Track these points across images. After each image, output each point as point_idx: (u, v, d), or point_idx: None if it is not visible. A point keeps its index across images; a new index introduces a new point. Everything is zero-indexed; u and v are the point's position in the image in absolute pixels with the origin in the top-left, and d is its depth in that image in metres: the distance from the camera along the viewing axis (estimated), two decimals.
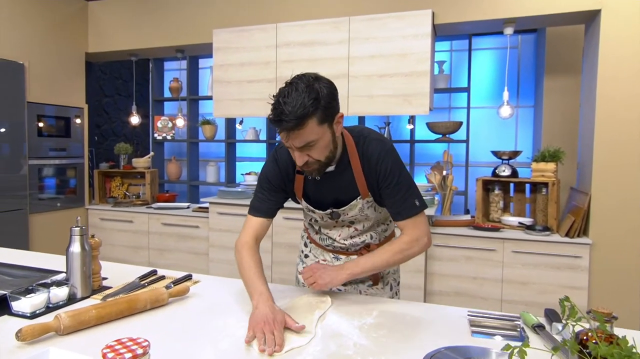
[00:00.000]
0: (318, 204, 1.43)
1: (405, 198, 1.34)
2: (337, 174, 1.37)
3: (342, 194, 1.39)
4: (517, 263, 3.13)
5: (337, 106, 1.24)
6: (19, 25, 3.69)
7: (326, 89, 1.18)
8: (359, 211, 1.41)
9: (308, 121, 1.14)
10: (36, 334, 1.06)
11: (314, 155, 1.23)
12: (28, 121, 3.73)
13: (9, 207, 3.59)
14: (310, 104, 1.13)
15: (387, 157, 1.32)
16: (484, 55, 4.57)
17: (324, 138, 1.21)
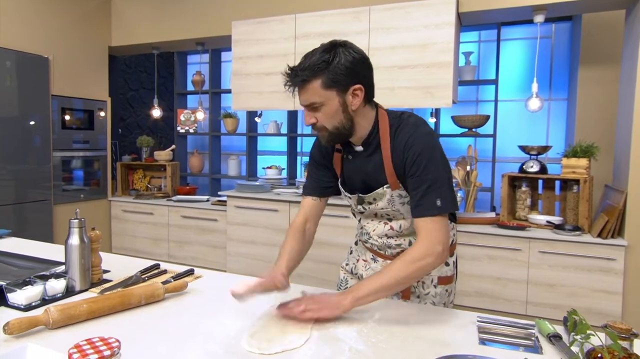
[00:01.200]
0: (349, 187, 1.37)
1: (426, 193, 1.16)
2: (364, 156, 1.29)
3: (369, 179, 1.30)
4: (544, 264, 2.97)
5: (355, 78, 1.16)
6: (44, 19, 3.76)
7: (345, 57, 1.13)
8: (387, 202, 1.29)
9: (311, 80, 1.14)
10: (24, 327, 1.04)
11: (320, 119, 1.19)
12: (53, 113, 3.80)
13: (34, 197, 3.68)
14: (317, 65, 1.12)
15: (418, 142, 1.19)
16: (514, 45, 4.37)
17: (329, 104, 1.17)
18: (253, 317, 1.18)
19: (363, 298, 1.11)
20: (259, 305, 1.26)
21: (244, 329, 1.09)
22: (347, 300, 1.10)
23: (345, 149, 1.34)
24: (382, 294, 1.13)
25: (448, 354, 0.91)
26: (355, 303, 1.11)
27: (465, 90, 4.48)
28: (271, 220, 3.64)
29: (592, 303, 2.86)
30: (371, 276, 1.15)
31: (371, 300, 1.13)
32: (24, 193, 3.63)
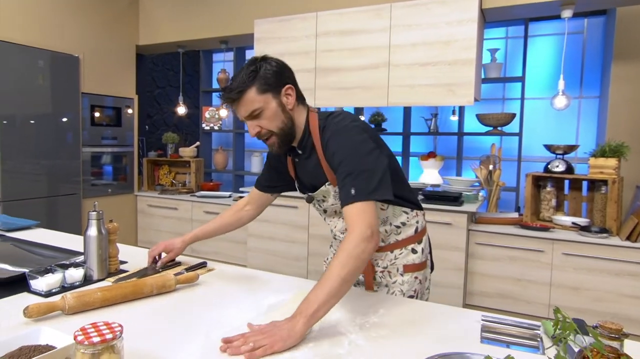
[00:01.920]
0: (301, 187, 1.48)
1: (343, 185, 1.17)
2: (304, 158, 1.38)
3: (313, 178, 1.39)
4: (568, 266, 2.90)
5: (284, 80, 1.27)
6: (75, 20, 3.90)
7: (269, 65, 1.25)
8: (334, 198, 1.36)
9: (247, 90, 1.22)
10: (42, 312, 1.10)
11: (264, 125, 1.26)
12: (83, 111, 3.95)
13: (65, 191, 3.84)
14: (248, 76, 1.22)
15: (337, 135, 1.24)
16: (543, 41, 4.25)
17: (269, 107, 1.24)
18: (259, 309, 1.20)
19: (315, 314, 1.01)
20: (266, 297, 1.29)
21: (249, 320, 1.12)
22: (299, 324, 0.99)
23: (292, 153, 1.41)
24: (334, 301, 1.04)
25: (444, 352, 0.91)
26: (309, 323, 1.01)
27: (491, 87, 4.39)
28: (290, 217, 3.68)
29: (619, 308, 2.77)
30: (315, 286, 1.06)
31: (325, 311, 1.03)
32: (56, 187, 3.79)
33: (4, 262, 1.50)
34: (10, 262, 1.50)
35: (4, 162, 3.40)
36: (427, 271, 1.50)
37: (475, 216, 3.28)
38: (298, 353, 0.96)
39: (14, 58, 3.44)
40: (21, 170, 3.52)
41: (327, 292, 1.03)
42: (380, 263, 1.44)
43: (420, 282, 1.45)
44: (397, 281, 1.42)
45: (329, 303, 1.03)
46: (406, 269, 1.42)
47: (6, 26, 3.43)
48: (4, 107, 3.38)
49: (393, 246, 1.43)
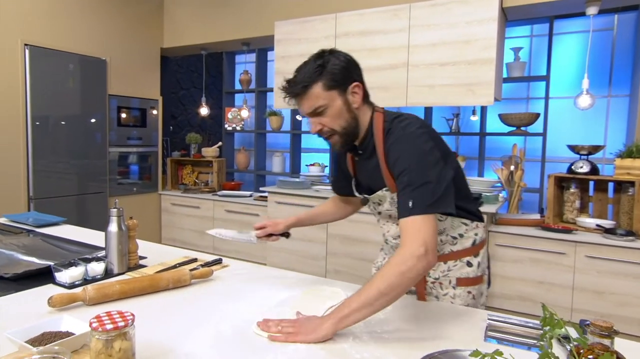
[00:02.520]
0: (358, 187, 1.44)
1: (404, 193, 1.11)
2: (364, 159, 1.33)
3: (371, 181, 1.34)
4: (591, 269, 2.83)
5: (352, 76, 1.21)
6: (102, 24, 4.05)
7: (337, 60, 1.19)
8: (390, 204, 1.30)
9: (312, 86, 1.17)
10: (64, 302, 1.16)
11: (327, 123, 1.21)
12: (109, 112, 4.09)
13: (92, 190, 3.99)
14: (314, 71, 1.17)
15: (402, 142, 1.17)
16: (570, 39, 4.15)
17: (333, 105, 1.19)
18: (269, 304, 1.24)
19: (345, 319, 1.01)
20: (276, 293, 1.33)
21: (258, 314, 1.15)
22: (327, 323, 1.01)
23: (353, 150, 1.36)
24: (367, 311, 1.02)
25: (446, 349, 0.92)
26: (337, 326, 1.01)
27: (515, 87, 4.32)
28: None
29: None
30: (355, 293, 1.05)
31: (356, 319, 1.02)
32: (85, 186, 3.94)
33: (32, 255, 1.59)
34: (37, 256, 1.58)
35: (35, 162, 3.56)
36: (482, 286, 1.40)
37: (495, 217, 3.23)
38: (302, 345, 0.99)
39: (46, 62, 3.59)
40: (52, 169, 3.68)
41: (362, 301, 1.01)
42: (432, 273, 1.36)
43: (474, 297, 1.36)
44: (449, 293, 1.35)
45: (360, 312, 1.01)
46: (459, 282, 1.34)
47: (39, 32, 3.59)
48: (37, 109, 3.54)
49: (447, 256, 1.35)
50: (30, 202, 3.55)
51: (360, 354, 0.96)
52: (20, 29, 3.46)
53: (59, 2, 3.72)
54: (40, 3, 3.59)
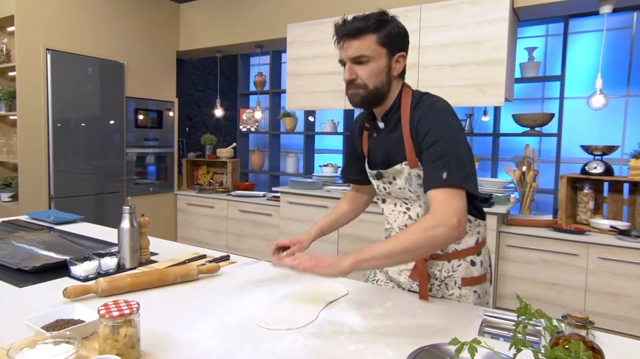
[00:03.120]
0: (372, 164, 1.40)
1: (436, 165, 1.13)
2: (386, 132, 1.32)
3: (390, 154, 1.31)
4: (605, 271, 2.80)
5: (403, 44, 1.24)
6: (120, 28, 4.17)
7: (396, 23, 1.21)
8: (405, 181, 1.28)
9: (367, 34, 1.17)
10: (78, 293, 1.23)
11: (363, 75, 1.20)
12: (127, 113, 4.21)
13: (111, 189, 4.11)
14: (374, 21, 1.17)
15: (430, 117, 1.18)
16: (587, 38, 4.10)
17: (377, 61, 1.19)
18: (271, 298, 1.28)
19: (365, 261, 1.05)
20: (279, 288, 1.37)
21: (261, 307, 1.20)
22: (347, 261, 1.04)
23: (372, 127, 1.38)
24: (385, 261, 1.07)
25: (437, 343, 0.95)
26: (355, 265, 1.04)
27: (530, 87, 4.29)
28: (320, 216, 3.75)
29: None
30: (378, 242, 1.08)
31: (373, 265, 1.08)
32: (103, 185, 4.06)
33: (50, 250, 1.67)
34: (55, 251, 1.66)
35: (56, 163, 3.69)
36: (486, 284, 1.39)
37: (506, 217, 3.22)
38: (301, 336, 1.03)
39: (67, 66, 3.72)
40: (72, 169, 3.81)
41: (385, 252, 1.05)
42: (438, 274, 1.34)
43: (479, 296, 1.36)
44: (455, 294, 1.34)
45: (380, 260, 1.06)
46: (464, 282, 1.33)
47: (60, 38, 3.72)
48: (58, 112, 3.67)
49: (451, 255, 1.33)
50: (51, 201, 3.67)
51: (355, 345, 0.99)
52: (42, 34, 3.59)
53: (79, 8, 3.84)
54: (61, 10, 3.72)
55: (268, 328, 1.07)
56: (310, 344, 0.99)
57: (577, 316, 0.64)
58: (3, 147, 3.81)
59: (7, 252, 1.63)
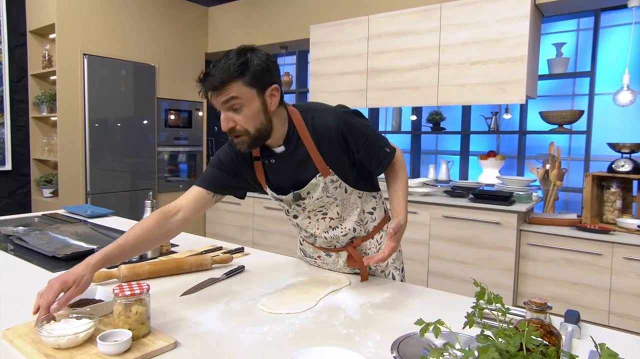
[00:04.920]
0: (281, 190, 1.37)
1: (378, 153, 1.35)
2: (289, 154, 1.30)
3: (300, 174, 1.32)
4: (630, 272, 2.74)
5: (271, 78, 1.19)
6: (151, 33, 4.38)
7: (257, 59, 1.16)
8: (322, 190, 1.32)
9: (232, 82, 1.13)
10: (102, 278, 1.36)
11: (240, 122, 1.17)
12: (159, 114, 4.41)
13: (142, 186, 4.32)
14: (236, 68, 1.13)
15: (345, 124, 1.27)
16: (620, 32, 3.98)
17: (251, 104, 1.17)
18: (277, 286, 1.36)
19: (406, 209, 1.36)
20: (286, 278, 1.45)
21: (265, 295, 1.28)
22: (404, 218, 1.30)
23: (264, 155, 1.33)
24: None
25: None
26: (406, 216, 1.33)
27: (560, 83, 4.21)
28: None
29: None
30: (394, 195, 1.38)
31: None
32: (136, 183, 4.28)
33: (81, 240, 1.82)
34: (85, 241, 1.81)
35: (93, 161, 3.92)
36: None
37: (528, 216, 3.19)
38: (298, 320, 1.11)
39: (102, 70, 3.95)
40: (107, 167, 4.03)
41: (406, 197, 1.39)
42: (370, 253, 1.48)
43: (400, 251, 1.57)
44: (389, 261, 1.50)
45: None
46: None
47: (95, 43, 3.95)
48: (94, 113, 3.90)
49: (373, 232, 1.48)
50: (87, 197, 3.91)
51: (347, 330, 1.06)
52: (79, 40, 3.83)
53: (113, 15, 4.07)
54: (96, 17, 3.95)
55: (269, 312, 1.16)
56: (305, 328, 1.07)
57: (537, 301, 0.69)
58: (45, 147, 4.07)
59: (44, 241, 1.79)
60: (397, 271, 1.53)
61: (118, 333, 0.94)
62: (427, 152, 5.19)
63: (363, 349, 0.96)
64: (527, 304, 0.71)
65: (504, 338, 0.57)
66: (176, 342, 0.98)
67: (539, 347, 0.56)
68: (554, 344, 0.64)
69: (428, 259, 3.36)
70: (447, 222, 3.22)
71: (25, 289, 1.31)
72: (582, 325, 1.06)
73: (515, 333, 0.57)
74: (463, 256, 3.18)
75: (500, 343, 0.55)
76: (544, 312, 0.68)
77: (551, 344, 0.64)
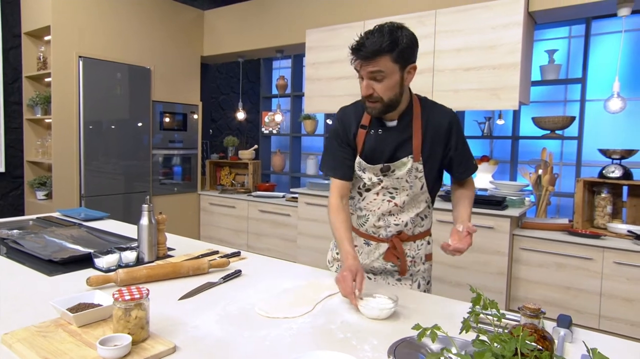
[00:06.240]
0: (372, 160, 1.50)
1: (469, 159, 1.54)
2: (397, 130, 1.47)
3: (398, 149, 1.47)
4: (620, 276, 2.78)
5: (413, 57, 1.36)
6: (147, 35, 4.37)
7: (406, 38, 1.32)
8: (407, 172, 1.46)
9: (382, 55, 1.29)
10: (100, 282, 1.36)
11: (379, 90, 1.34)
12: (153, 116, 4.41)
13: (137, 189, 4.31)
14: (387, 45, 1.28)
15: (457, 124, 1.48)
16: (611, 39, 4.04)
17: (392, 76, 1.33)
18: (273, 291, 1.38)
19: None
20: (283, 282, 1.46)
21: (262, 299, 1.30)
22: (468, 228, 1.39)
23: (374, 125, 1.49)
24: None
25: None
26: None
27: (552, 89, 4.27)
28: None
29: None
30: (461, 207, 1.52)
31: None
32: (130, 185, 4.26)
33: (77, 244, 1.82)
34: (81, 245, 1.81)
35: (87, 163, 3.90)
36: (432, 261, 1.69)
37: (521, 220, 3.23)
38: (295, 324, 1.12)
39: (97, 72, 3.94)
40: (102, 170, 4.02)
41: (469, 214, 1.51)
42: (408, 253, 1.59)
43: (431, 267, 1.68)
44: (421, 269, 1.61)
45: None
46: (427, 258, 1.64)
47: (91, 45, 3.94)
48: (89, 115, 3.89)
49: (417, 236, 1.59)
50: (81, 199, 3.89)
51: (344, 333, 1.08)
52: (75, 42, 3.82)
53: (108, 17, 4.06)
54: (92, 19, 3.94)
55: (267, 316, 1.17)
56: (302, 332, 1.09)
57: (531, 307, 0.71)
58: (39, 149, 4.05)
59: (40, 245, 1.78)
60: (424, 282, 1.63)
61: (118, 337, 0.95)
62: None
63: (360, 354, 0.98)
64: (521, 310, 0.73)
65: (499, 342, 0.58)
66: (175, 346, 0.99)
67: (533, 352, 0.58)
68: (547, 348, 0.66)
69: None
70: (441, 227, 3.25)
71: (22, 293, 1.31)
72: (574, 329, 1.09)
73: (510, 338, 0.59)
74: (457, 260, 3.21)
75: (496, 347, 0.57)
76: (537, 317, 0.70)
77: (544, 348, 0.66)
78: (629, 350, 1.01)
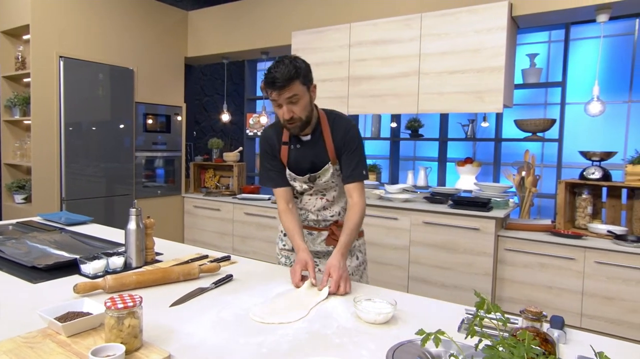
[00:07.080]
0: (299, 171, 1.74)
1: (358, 165, 1.68)
2: (312, 142, 1.71)
3: (317, 159, 1.71)
4: (601, 275, 2.84)
5: (312, 78, 1.61)
6: (130, 36, 4.30)
7: (304, 64, 1.57)
8: (330, 176, 1.72)
9: (293, 82, 1.51)
10: (87, 289, 1.32)
11: (297, 111, 1.56)
12: (136, 118, 4.33)
13: (119, 192, 4.22)
14: (294, 72, 1.51)
15: (353, 130, 1.70)
16: (590, 44, 4.15)
17: (304, 97, 1.56)
18: (266, 295, 1.36)
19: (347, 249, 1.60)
20: (275, 287, 1.45)
21: (257, 304, 1.28)
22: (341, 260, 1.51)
23: (292, 141, 1.73)
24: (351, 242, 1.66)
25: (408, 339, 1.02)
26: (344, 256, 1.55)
27: (533, 93, 4.36)
28: None
29: None
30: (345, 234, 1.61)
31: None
32: (112, 188, 4.18)
33: (61, 250, 1.77)
34: (66, 250, 1.76)
35: (68, 166, 3.81)
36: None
37: (505, 221, 3.28)
38: (291, 330, 1.11)
39: (79, 73, 3.86)
40: (83, 172, 3.93)
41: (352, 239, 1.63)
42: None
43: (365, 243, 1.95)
44: (356, 245, 1.86)
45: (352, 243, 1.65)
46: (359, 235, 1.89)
47: (72, 45, 3.85)
48: (70, 116, 3.80)
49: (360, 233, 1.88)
50: (62, 203, 3.80)
51: (340, 339, 1.07)
52: (55, 42, 3.73)
53: (90, 17, 3.98)
54: (73, 18, 3.85)
55: (262, 322, 1.15)
56: (299, 338, 1.07)
57: (532, 310, 0.71)
58: (17, 151, 3.94)
59: (22, 251, 1.73)
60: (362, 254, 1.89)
61: (110, 347, 0.92)
62: (406, 159, 5.27)
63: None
64: (522, 313, 0.73)
65: (507, 348, 0.59)
66: (170, 355, 0.96)
67: (539, 356, 0.58)
68: (550, 351, 0.67)
69: (408, 265, 3.41)
70: (427, 228, 3.28)
71: (4, 302, 1.27)
72: (567, 330, 1.10)
73: (517, 343, 0.60)
74: (443, 261, 3.24)
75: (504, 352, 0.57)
76: (539, 321, 0.70)
77: (547, 351, 0.66)
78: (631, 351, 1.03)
